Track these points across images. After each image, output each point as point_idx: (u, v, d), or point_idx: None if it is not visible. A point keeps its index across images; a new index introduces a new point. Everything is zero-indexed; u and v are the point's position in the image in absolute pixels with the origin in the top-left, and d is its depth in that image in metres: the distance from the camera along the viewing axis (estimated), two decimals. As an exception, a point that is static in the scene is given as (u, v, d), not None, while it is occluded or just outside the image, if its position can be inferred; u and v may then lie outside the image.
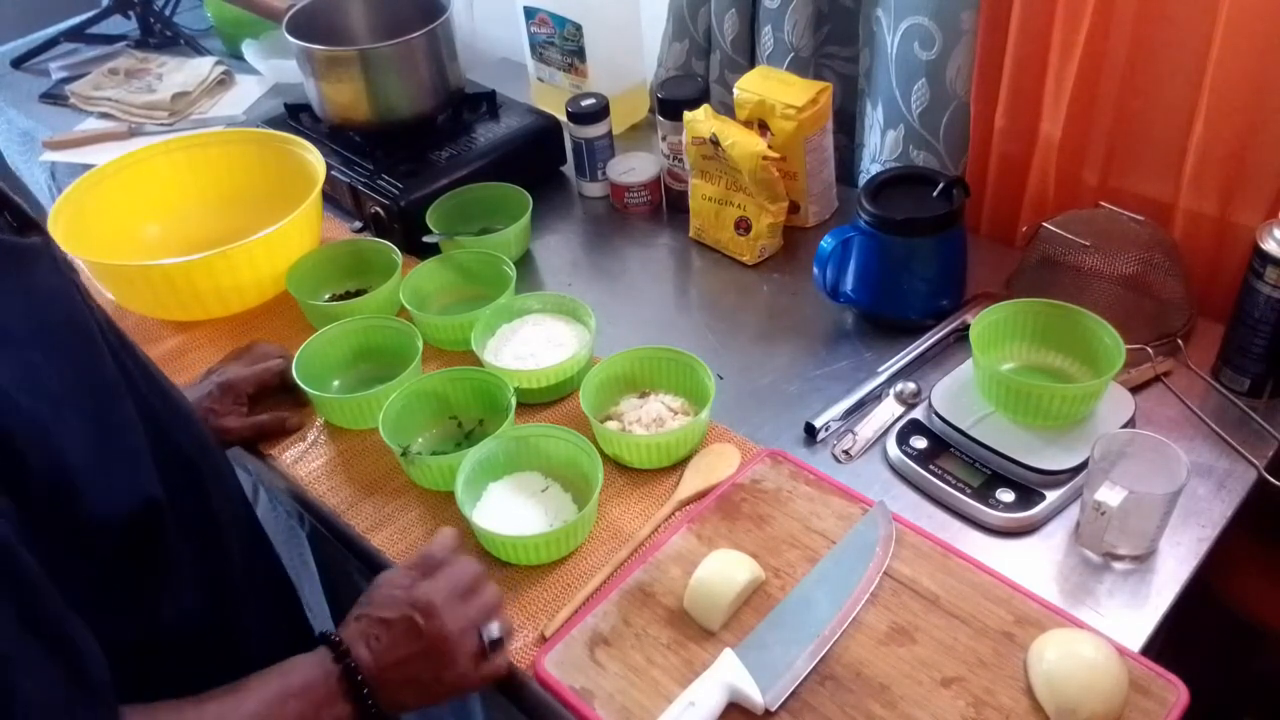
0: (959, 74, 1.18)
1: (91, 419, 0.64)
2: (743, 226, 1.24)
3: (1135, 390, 0.99)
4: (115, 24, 1.98)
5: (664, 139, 1.32)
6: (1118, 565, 0.87)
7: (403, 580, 0.81)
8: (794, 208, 1.28)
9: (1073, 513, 0.91)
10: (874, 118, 1.30)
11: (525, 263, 1.31)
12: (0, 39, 2.00)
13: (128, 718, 0.63)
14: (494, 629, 0.81)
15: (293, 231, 1.21)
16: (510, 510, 0.95)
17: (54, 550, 0.59)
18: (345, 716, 0.74)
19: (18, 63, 1.92)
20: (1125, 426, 0.93)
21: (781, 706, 0.78)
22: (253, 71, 1.81)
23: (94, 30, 1.96)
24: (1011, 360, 1.02)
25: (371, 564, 0.96)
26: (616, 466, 1.00)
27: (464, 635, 0.78)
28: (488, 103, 1.46)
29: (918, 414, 1.01)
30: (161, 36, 1.94)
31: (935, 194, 1.09)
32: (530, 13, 1.49)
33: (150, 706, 0.66)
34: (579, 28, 1.44)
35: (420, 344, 1.09)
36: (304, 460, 1.05)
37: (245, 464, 1.11)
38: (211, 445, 0.86)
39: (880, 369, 1.07)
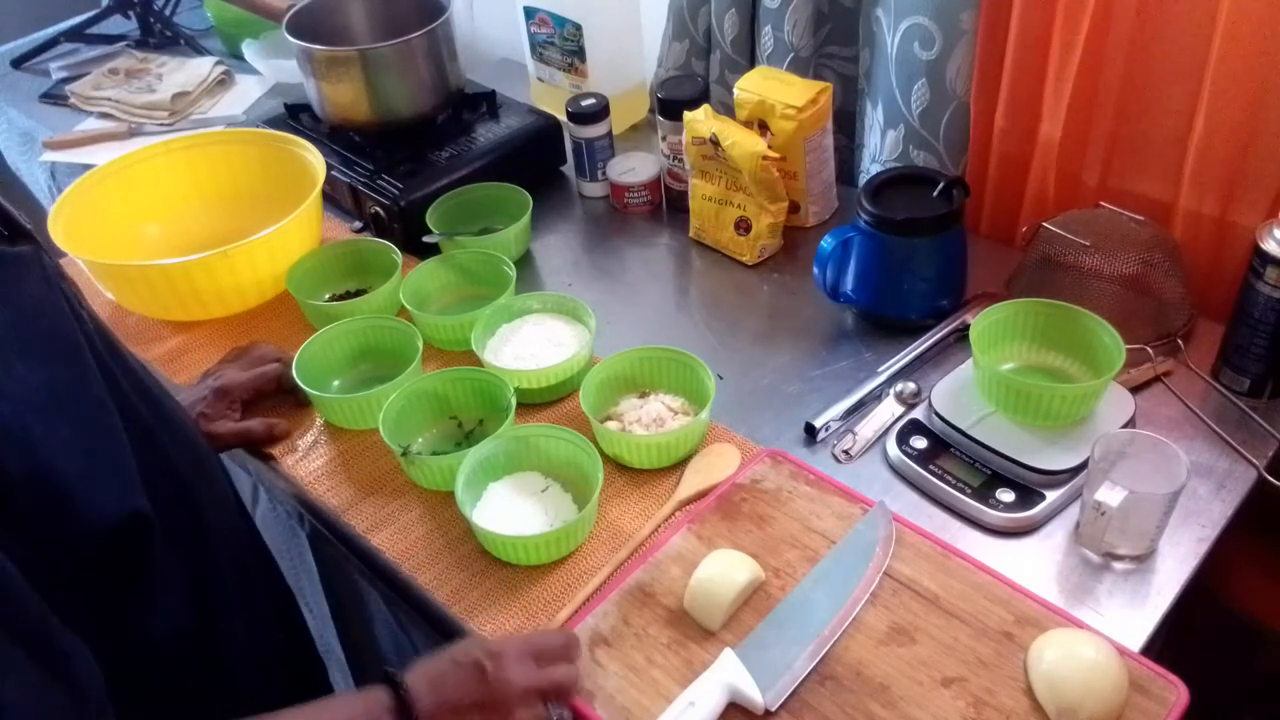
0: (959, 74, 1.18)
1: (79, 429, 0.63)
2: (743, 226, 1.24)
3: (1135, 390, 0.99)
4: (115, 24, 1.98)
5: (664, 139, 1.32)
6: (1118, 565, 0.87)
7: (490, 639, 0.78)
8: (794, 208, 1.28)
9: (1073, 513, 0.91)
10: (874, 118, 1.30)
11: (525, 263, 1.31)
12: (0, 39, 2.00)
13: None
14: (563, 714, 0.78)
15: (293, 231, 1.22)
16: (510, 510, 0.95)
17: (36, 561, 0.57)
18: None
19: (18, 63, 1.92)
20: (1125, 426, 0.93)
21: (781, 706, 0.78)
22: (253, 71, 1.81)
23: (94, 30, 1.96)
24: (1011, 360, 1.02)
25: (372, 564, 0.96)
26: (616, 466, 1.00)
27: (526, 697, 0.73)
28: (488, 103, 1.46)
29: (918, 414, 1.01)
30: (161, 36, 1.94)
31: (935, 194, 1.09)
32: (530, 13, 1.49)
33: None
34: (579, 28, 1.44)
35: (420, 344, 1.09)
36: (304, 461, 1.05)
37: (245, 465, 1.11)
38: (205, 454, 0.85)
39: (880, 369, 1.07)
